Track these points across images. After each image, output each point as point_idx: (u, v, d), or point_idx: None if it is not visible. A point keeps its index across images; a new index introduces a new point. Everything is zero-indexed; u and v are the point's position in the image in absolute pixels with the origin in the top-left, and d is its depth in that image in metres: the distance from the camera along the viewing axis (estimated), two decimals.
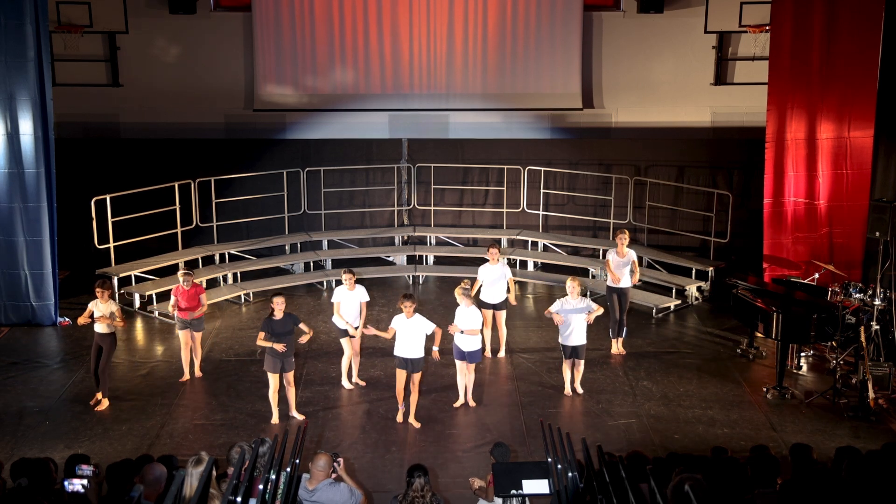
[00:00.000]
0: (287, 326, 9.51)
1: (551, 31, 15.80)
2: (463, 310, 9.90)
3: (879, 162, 12.05)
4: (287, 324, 9.53)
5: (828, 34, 11.82)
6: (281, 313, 9.52)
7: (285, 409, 9.80)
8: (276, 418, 9.68)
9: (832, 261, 11.83)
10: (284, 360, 9.49)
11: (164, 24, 15.68)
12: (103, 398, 10.01)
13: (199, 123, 15.97)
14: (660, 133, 16.10)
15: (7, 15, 11.56)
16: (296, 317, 9.67)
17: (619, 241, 11.51)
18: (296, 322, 9.60)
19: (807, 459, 6.60)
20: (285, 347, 9.40)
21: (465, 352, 9.89)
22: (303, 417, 9.72)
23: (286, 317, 9.56)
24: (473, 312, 9.86)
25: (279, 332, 9.45)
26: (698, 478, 5.41)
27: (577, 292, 10.09)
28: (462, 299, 9.90)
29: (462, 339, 9.86)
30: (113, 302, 10.06)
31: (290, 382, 9.67)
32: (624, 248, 11.48)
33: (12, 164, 12.02)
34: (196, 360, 10.82)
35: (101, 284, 10.01)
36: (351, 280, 10.38)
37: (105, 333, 9.96)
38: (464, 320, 9.85)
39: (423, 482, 6.38)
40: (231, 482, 4.89)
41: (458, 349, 9.93)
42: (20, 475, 5.93)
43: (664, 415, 9.90)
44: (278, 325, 9.48)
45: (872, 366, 10.11)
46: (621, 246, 11.48)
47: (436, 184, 15.75)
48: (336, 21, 15.73)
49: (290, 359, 9.56)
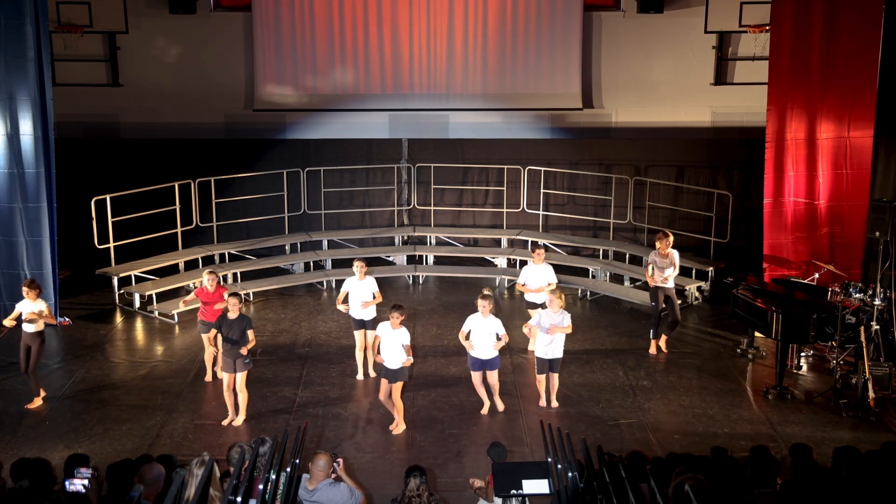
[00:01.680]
0: (238, 327, 9.41)
1: (551, 31, 15.80)
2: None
3: (879, 162, 12.04)
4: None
5: (828, 34, 11.81)
6: (236, 314, 9.47)
7: None
8: (229, 419, 9.60)
9: (832, 261, 11.83)
10: (236, 361, 9.44)
11: (164, 24, 15.68)
12: (36, 397, 10.02)
13: (199, 123, 15.97)
14: (660, 133, 16.10)
15: (7, 15, 11.55)
16: (249, 320, 9.55)
17: (663, 243, 11.45)
18: (248, 326, 9.47)
19: (807, 459, 6.60)
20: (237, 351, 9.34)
21: (485, 360, 9.68)
22: (239, 424, 9.55)
23: (240, 318, 9.49)
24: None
25: (228, 333, 9.40)
26: (699, 478, 5.41)
27: (557, 305, 9.77)
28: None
29: (480, 349, 9.61)
30: (42, 301, 10.13)
31: (242, 385, 9.49)
32: (667, 249, 11.47)
33: (12, 164, 12.01)
34: (219, 361, 10.71)
35: (30, 284, 10.08)
36: (362, 269, 10.48)
37: (33, 333, 9.96)
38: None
39: (420, 482, 6.38)
40: (231, 482, 4.90)
41: (475, 359, 9.68)
42: (20, 475, 5.93)
43: (664, 415, 9.91)
44: (229, 325, 9.42)
45: (872, 366, 10.10)
46: (664, 247, 11.46)
47: (436, 184, 15.75)
48: (336, 21, 15.74)
49: (243, 360, 9.46)
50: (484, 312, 9.57)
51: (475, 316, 9.65)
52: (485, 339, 9.57)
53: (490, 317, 9.58)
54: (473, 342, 9.62)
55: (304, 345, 11.90)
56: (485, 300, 9.60)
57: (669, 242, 11.45)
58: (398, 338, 9.30)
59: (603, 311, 13.28)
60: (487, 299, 9.61)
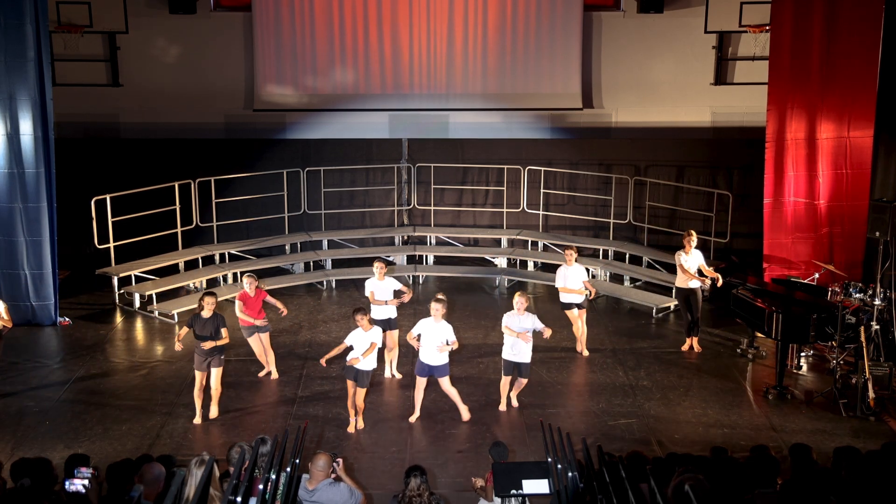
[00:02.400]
0: (211, 327, 9.44)
1: (551, 31, 15.80)
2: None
3: (879, 162, 12.04)
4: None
5: (828, 34, 11.82)
6: (210, 313, 9.48)
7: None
8: (198, 418, 9.63)
9: (832, 261, 11.83)
10: (210, 358, 9.48)
11: (164, 24, 15.69)
12: None
13: (199, 123, 15.97)
14: (660, 133, 16.10)
15: (7, 15, 11.56)
16: (222, 319, 9.57)
17: (687, 243, 11.48)
18: (221, 324, 9.49)
19: (807, 459, 6.60)
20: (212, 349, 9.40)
21: (433, 366, 9.46)
22: (214, 416, 9.65)
23: (214, 317, 9.50)
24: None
25: (202, 332, 9.44)
26: (699, 478, 5.41)
27: (523, 308, 9.70)
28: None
29: (425, 353, 9.41)
30: (1, 301, 10.23)
31: (217, 381, 9.60)
32: (692, 249, 11.47)
33: (12, 164, 12.02)
34: (270, 360, 10.81)
35: None
36: (382, 270, 10.56)
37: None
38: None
39: (420, 482, 6.38)
40: (231, 482, 4.90)
41: (422, 364, 9.48)
42: (21, 475, 5.93)
43: (664, 415, 9.90)
44: (202, 324, 9.45)
45: (872, 366, 10.10)
46: (689, 247, 11.46)
47: (436, 184, 15.76)
48: (336, 21, 15.74)
49: (217, 357, 9.53)
50: (436, 317, 9.36)
51: (427, 320, 9.45)
52: (433, 344, 9.36)
53: (441, 322, 9.39)
54: (423, 346, 9.44)
55: (304, 345, 11.90)
56: (438, 304, 9.37)
57: (693, 242, 11.52)
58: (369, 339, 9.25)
59: (603, 311, 13.28)
60: (441, 303, 9.38)
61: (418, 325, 9.51)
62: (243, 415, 9.88)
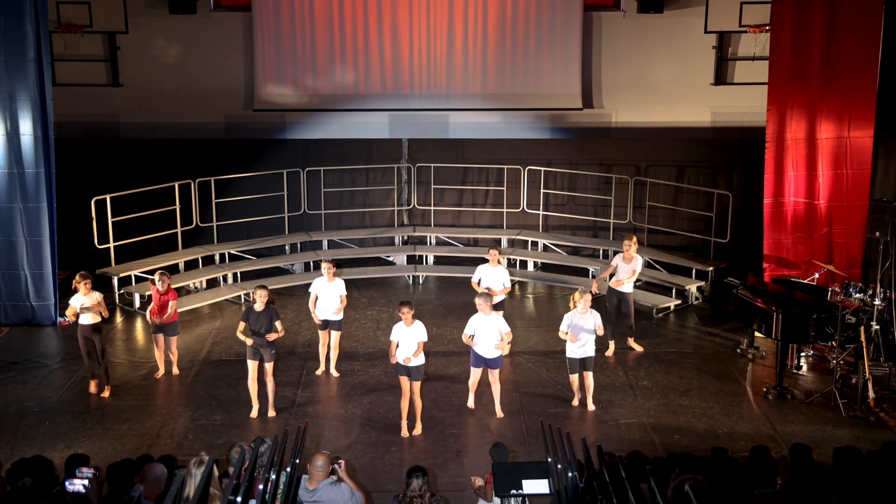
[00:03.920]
0: (265, 320, 9.60)
1: (551, 31, 15.80)
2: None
3: (879, 162, 12.04)
4: (265, 317, 9.60)
5: (828, 34, 11.81)
6: (262, 306, 9.62)
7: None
8: (254, 413, 9.73)
9: (832, 261, 11.83)
10: (263, 351, 9.59)
11: (164, 24, 15.68)
12: (107, 386, 10.42)
13: (199, 123, 15.97)
14: (660, 133, 16.10)
15: (7, 15, 11.56)
16: (275, 311, 9.76)
17: (626, 247, 11.50)
18: (275, 317, 9.68)
19: (807, 459, 6.60)
20: (263, 341, 9.58)
21: (487, 358, 9.68)
22: (273, 415, 9.74)
23: (266, 310, 9.64)
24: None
25: (256, 325, 9.58)
26: (699, 478, 5.41)
27: (586, 305, 9.77)
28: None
29: (481, 346, 9.63)
30: (96, 292, 10.43)
31: (269, 375, 9.72)
32: (632, 253, 11.48)
33: (12, 164, 12.02)
34: (173, 359, 10.97)
35: (83, 276, 10.35)
36: (330, 270, 10.63)
37: (91, 325, 10.32)
38: None
39: (422, 483, 6.38)
40: (231, 482, 4.90)
41: (477, 356, 9.72)
42: (21, 475, 5.93)
43: (664, 415, 9.91)
44: (255, 317, 9.59)
45: (872, 366, 10.11)
46: (628, 251, 11.48)
47: (436, 184, 15.75)
48: (336, 21, 15.73)
49: (269, 350, 9.65)
50: (485, 311, 9.53)
51: (477, 316, 9.62)
52: (488, 338, 9.55)
53: (493, 314, 9.63)
54: (478, 341, 9.61)
55: (304, 345, 11.89)
56: (482, 299, 9.56)
57: (633, 246, 11.51)
58: (415, 334, 9.31)
59: (603, 311, 13.24)
60: (485, 297, 9.59)
61: (470, 324, 9.62)
62: (243, 415, 9.87)
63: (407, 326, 9.25)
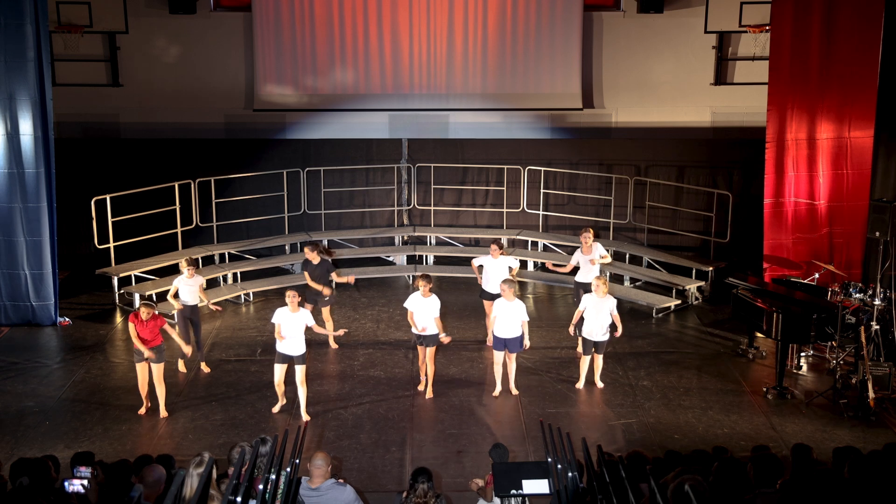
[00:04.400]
0: (323, 269, 10.90)
1: (551, 31, 15.80)
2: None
3: (879, 162, 12.05)
4: (323, 267, 10.92)
5: (828, 34, 11.81)
6: (317, 258, 10.89)
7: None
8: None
9: (832, 261, 11.83)
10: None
11: (164, 24, 15.68)
12: (203, 362, 11.15)
13: (199, 123, 15.97)
14: (660, 133, 16.10)
15: (7, 15, 11.55)
16: (330, 263, 10.94)
17: (584, 240, 11.57)
18: (331, 269, 10.94)
19: (807, 459, 6.60)
20: (331, 291, 10.93)
21: (507, 339, 10.13)
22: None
23: (322, 262, 10.92)
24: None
25: (317, 275, 10.85)
26: (699, 478, 5.41)
27: (603, 291, 10.19)
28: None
29: (502, 329, 10.10)
30: (199, 276, 11.13)
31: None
32: (590, 244, 11.55)
33: (12, 164, 12.02)
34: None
35: (190, 261, 10.88)
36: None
37: (194, 307, 11.04)
38: None
39: (427, 487, 6.37)
40: (231, 482, 4.90)
41: (498, 339, 10.19)
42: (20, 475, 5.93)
43: (664, 415, 9.91)
44: (314, 268, 10.84)
45: (872, 366, 10.11)
46: (586, 243, 11.54)
47: (436, 184, 15.75)
48: (336, 21, 15.73)
49: (323, 298, 11.09)
50: (508, 296, 10.06)
51: (500, 300, 10.16)
52: (510, 320, 10.05)
53: (515, 300, 10.06)
54: (498, 323, 10.13)
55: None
56: (505, 285, 10.07)
57: (589, 239, 11.59)
58: (433, 305, 10.04)
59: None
60: (509, 284, 10.08)
61: (495, 307, 10.18)
62: (243, 415, 9.87)
63: (424, 297, 9.99)
